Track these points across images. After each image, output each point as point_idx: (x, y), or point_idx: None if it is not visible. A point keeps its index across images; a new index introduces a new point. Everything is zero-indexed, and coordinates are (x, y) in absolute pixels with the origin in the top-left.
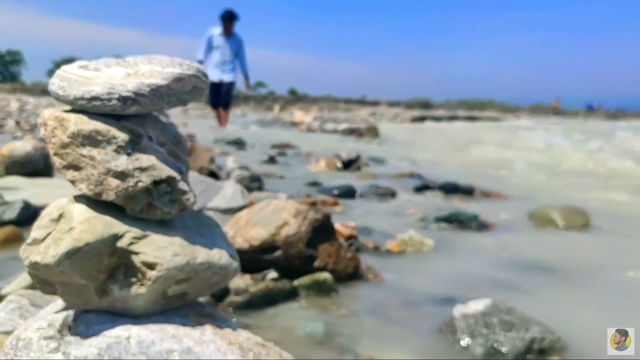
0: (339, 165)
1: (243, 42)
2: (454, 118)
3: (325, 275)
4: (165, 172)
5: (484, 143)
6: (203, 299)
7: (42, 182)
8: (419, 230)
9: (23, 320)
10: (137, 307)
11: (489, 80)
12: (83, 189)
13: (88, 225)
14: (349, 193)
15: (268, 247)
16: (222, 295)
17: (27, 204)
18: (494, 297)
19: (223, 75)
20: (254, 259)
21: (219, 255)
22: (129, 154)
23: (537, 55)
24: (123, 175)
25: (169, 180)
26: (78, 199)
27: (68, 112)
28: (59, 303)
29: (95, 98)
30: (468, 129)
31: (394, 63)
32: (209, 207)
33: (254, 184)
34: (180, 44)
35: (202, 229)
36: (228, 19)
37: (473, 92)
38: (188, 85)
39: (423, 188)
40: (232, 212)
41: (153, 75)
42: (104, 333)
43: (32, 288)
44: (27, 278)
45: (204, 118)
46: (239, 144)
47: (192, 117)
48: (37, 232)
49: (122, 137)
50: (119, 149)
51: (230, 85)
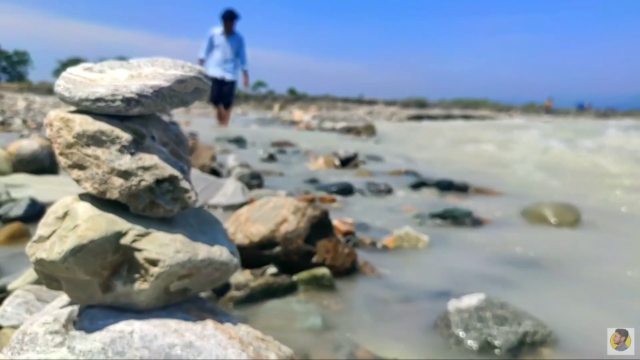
0: (337, 163)
1: (244, 40)
2: (449, 117)
3: (324, 271)
4: (168, 171)
5: (478, 141)
6: (204, 294)
7: (48, 179)
8: (415, 226)
9: (29, 315)
10: (140, 302)
11: (483, 80)
12: (87, 188)
13: (92, 223)
14: (347, 190)
15: (268, 243)
16: (223, 290)
17: (33, 201)
18: (488, 292)
19: (225, 74)
20: (254, 255)
21: (220, 252)
22: (133, 154)
23: (529, 56)
24: (126, 174)
25: (172, 179)
26: (83, 197)
27: (73, 112)
28: (64, 298)
29: (100, 99)
30: (462, 128)
31: (391, 63)
32: (211, 203)
33: (254, 181)
34: (184, 45)
35: (203, 226)
36: (229, 18)
37: (467, 91)
38: (190, 87)
39: (419, 185)
40: (233, 208)
41: (156, 77)
42: (108, 328)
43: (38, 283)
44: (33, 274)
45: (206, 117)
46: (240, 142)
47: (194, 115)
48: (42, 229)
49: (125, 137)
50: (123, 149)
51: (232, 84)
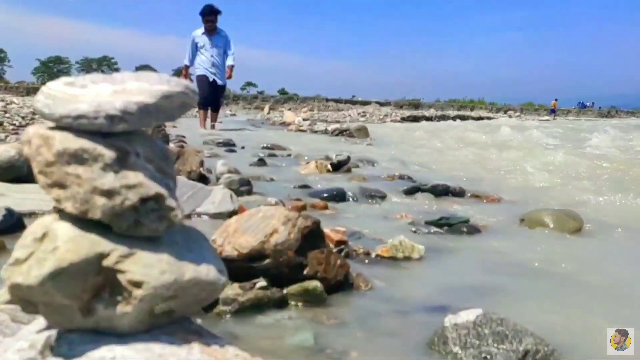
0: (329, 168)
1: (229, 37)
2: (444, 117)
3: (315, 284)
4: (153, 189)
5: (474, 143)
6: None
7: (25, 188)
8: (410, 235)
9: (2, 338)
10: (122, 326)
11: (479, 80)
12: (68, 208)
13: (73, 245)
14: (339, 196)
15: (257, 255)
16: (210, 306)
17: (9, 211)
18: (486, 303)
19: (215, 78)
20: (243, 267)
21: (207, 271)
22: (116, 172)
23: (527, 55)
24: (110, 194)
25: (157, 198)
26: (63, 217)
27: (53, 129)
28: (41, 321)
29: (82, 116)
30: (458, 129)
31: (384, 63)
32: (198, 211)
33: (244, 188)
34: (171, 43)
35: (190, 244)
36: (208, 14)
37: (463, 92)
38: (176, 102)
39: (413, 190)
40: (221, 216)
41: (141, 93)
42: (88, 354)
43: (12, 303)
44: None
45: (194, 118)
46: (229, 146)
47: (181, 117)
48: (19, 251)
49: (108, 154)
50: (106, 167)
51: (222, 88)
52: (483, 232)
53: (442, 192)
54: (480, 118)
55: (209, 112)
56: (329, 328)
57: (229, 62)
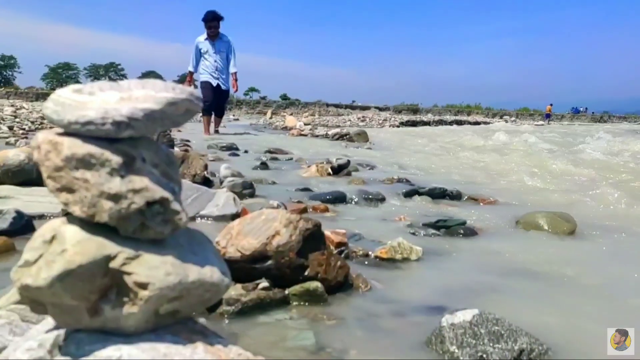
0: (330, 171)
1: (232, 42)
2: (442, 122)
3: (316, 284)
4: (158, 193)
5: (471, 147)
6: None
7: (35, 191)
8: (408, 236)
9: (13, 337)
10: (128, 326)
11: (476, 86)
12: (76, 212)
13: (81, 247)
14: (339, 199)
15: (260, 256)
16: (214, 306)
17: (19, 214)
18: (483, 303)
19: (219, 82)
20: (246, 269)
21: (211, 273)
22: (123, 176)
23: (522, 61)
24: (116, 197)
25: (162, 201)
26: (71, 220)
27: (62, 135)
28: (50, 321)
29: (89, 122)
30: (455, 133)
31: (383, 69)
32: (202, 214)
33: (246, 191)
34: (176, 50)
35: (194, 246)
36: (211, 20)
37: (460, 97)
38: (181, 109)
39: (412, 193)
40: (224, 219)
41: (147, 100)
42: (95, 353)
43: (22, 303)
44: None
45: (198, 123)
46: (232, 149)
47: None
48: (29, 253)
49: (115, 159)
50: (113, 172)
51: (226, 93)
52: (479, 234)
53: (439, 195)
54: (477, 123)
55: (213, 117)
56: (329, 327)
57: (232, 69)
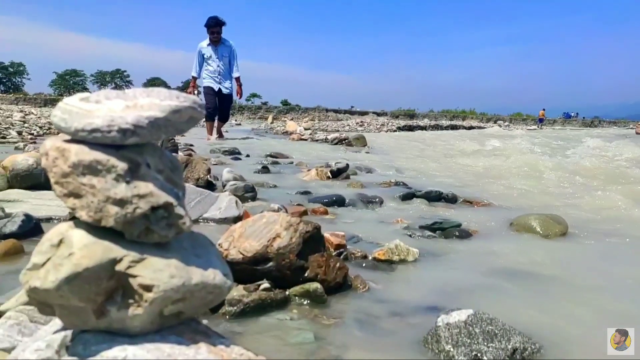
0: (329, 175)
1: (234, 47)
2: (438, 127)
3: (316, 285)
4: (163, 198)
5: (467, 151)
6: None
7: (43, 194)
8: (405, 238)
9: (21, 337)
10: (134, 327)
11: (470, 91)
12: (83, 216)
13: (87, 251)
14: (339, 202)
15: (261, 258)
16: (216, 307)
17: (28, 217)
18: (478, 304)
19: (222, 87)
20: (248, 270)
21: (214, 275)
22: (128, 182)
23: (515, 67)
24: (122, 203)
25: (166, 206)
26: (78, 224)
27: (69, 142)
28: (57, 322)
29: (96, 130)
30: (451, 137)
31: (381, 75)
32: (205, 217)
33: (248, 194)
34: (180, 57)
35: (197, 249)
36: (214, 25)
37: (455, 102)
38: (185, 116)
39: (409, 196)
40: (227, 222)
41: (151, 108)
42: (101, 353)
43: (31, 305)
44: None
45: (202, 128)
46: (234, 154)
47: None
48: (37, 257)
49: (121, 166)
50: (119, 177)
51: (229, 98)
52: (474, 235)
53: (435, 198)
54: (472, 127)
55: (216, 122)
56: (329, 327)
57: (235, 73)
